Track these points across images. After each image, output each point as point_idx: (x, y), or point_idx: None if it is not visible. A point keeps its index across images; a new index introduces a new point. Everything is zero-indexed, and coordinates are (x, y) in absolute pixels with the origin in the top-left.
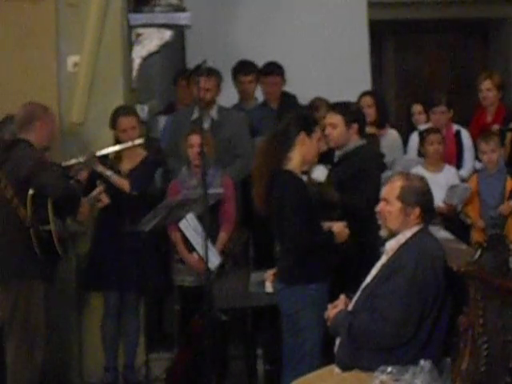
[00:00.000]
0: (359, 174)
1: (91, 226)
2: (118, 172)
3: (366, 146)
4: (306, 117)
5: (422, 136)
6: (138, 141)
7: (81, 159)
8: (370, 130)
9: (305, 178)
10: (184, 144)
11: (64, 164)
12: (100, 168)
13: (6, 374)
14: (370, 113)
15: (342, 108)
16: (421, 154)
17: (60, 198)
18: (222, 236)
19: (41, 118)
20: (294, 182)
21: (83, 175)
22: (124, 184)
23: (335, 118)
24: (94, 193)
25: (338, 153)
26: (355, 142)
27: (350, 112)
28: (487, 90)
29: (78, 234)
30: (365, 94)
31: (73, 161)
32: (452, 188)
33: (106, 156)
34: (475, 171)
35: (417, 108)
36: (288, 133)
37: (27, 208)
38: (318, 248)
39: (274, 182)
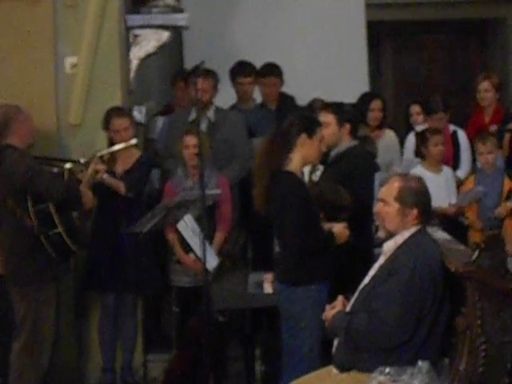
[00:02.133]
0: (351, 175)
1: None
2: (112, 174)
3: (358, 146)
4: (309, 118)
5: (422, 136)
6: (133, 141)
7: (82, 161)
8: (367, 131)
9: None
10: (179, 145)
11: (67, 167)
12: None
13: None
14: (378, 116)
15: (334, 107)
16: (418, 154)
17: (59, 200)
18: (219, 236)
19: (16, 118)
20: (295, 183)
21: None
22: (119, 186)
23: (327, 117)
24: (90, 170)
25: (331, 153)
26: (347, 142)
27: (342, 112)
28: (485, 90)
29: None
30: (375, 96)
31: (70, 164)
32: (468, 192)
33: (101, 158)
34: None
35: (415, 108)
36: (289, 133)
37: (31, 218)
38: (318, 249)
39: (275, 183)
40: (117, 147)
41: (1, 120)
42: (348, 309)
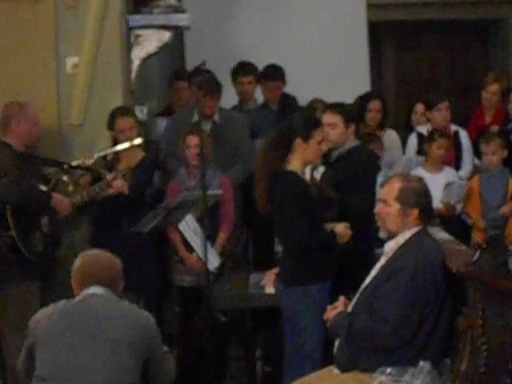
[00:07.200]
0: (356, 175)
1: (90, 227)
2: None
3: (361, 146)
4: (305, 120)
5: (429, 135)
6: (137, 141)
7: (87, 162)
8: (369, 131)
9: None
10: (182, 145)
11: (53, 180)
12: (101, 170)
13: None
14: (376, 117)
15: (340, 108)
16: (420, 152)
17: (17, 204)
18: (221, 236)
19: (15, 116)
20: (295, 183)
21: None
22: (123, 186)
23: (335, 118)
24: (102, 182)
25: (333, 153)
26: (350, 142)
27: (347, 112)
28: (493, 93)
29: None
30: (374, 97)
31: (77, 162)
32: (448, 186)
33: (104, 157)
34: (478, 170)
35: (420, 108)
36: (285, 138)
37: None
38: (319, 249)
39: (275, 183)
40: (121, 147)
41: (3, 117)
42: (349, 309)
